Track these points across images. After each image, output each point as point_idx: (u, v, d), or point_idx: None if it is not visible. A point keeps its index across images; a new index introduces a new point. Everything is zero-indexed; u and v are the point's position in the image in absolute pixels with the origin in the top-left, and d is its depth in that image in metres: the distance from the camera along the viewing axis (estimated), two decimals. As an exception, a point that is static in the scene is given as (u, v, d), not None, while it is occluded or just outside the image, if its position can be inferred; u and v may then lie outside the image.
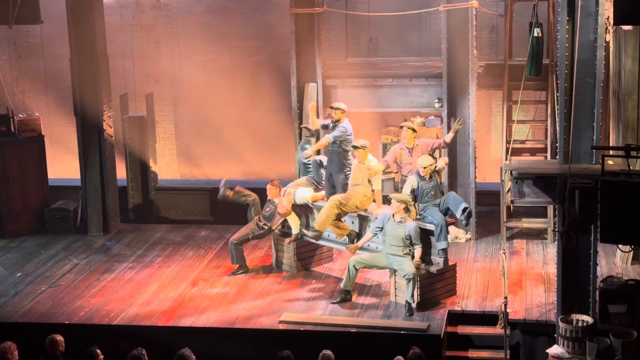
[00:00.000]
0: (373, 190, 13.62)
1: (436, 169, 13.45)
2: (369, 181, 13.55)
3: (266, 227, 14.50)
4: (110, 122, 16.70)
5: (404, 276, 12.78)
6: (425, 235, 13.07)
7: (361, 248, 13.63)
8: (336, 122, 14.01)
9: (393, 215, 13.05)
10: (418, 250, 12.91)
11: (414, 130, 14.09)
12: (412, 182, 13.28)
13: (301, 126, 15.65)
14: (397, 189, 14.17)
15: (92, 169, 16.60)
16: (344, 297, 13.26)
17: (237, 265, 14.58)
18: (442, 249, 13.01)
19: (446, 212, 13.22)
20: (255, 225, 14.57)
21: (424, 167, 13.20)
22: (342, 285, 13.28)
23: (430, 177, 13.24)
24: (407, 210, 13.05)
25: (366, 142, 13.58)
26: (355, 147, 13.54)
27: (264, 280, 14.27)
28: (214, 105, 19.15)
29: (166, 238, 16.52)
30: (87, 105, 16.39)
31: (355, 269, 13.14)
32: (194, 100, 19.37)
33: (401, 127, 14.20)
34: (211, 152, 19.54)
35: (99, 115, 16.45)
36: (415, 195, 13.31)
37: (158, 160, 18.03)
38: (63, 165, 19.22)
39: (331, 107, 14.23)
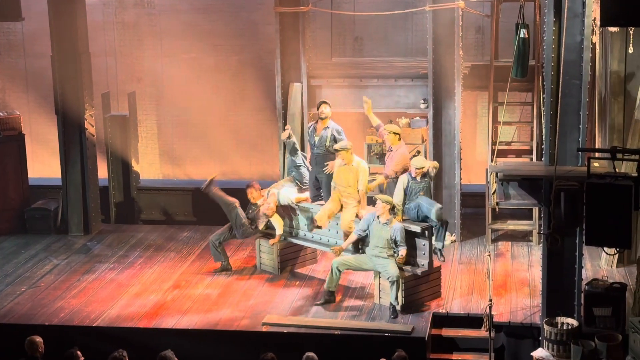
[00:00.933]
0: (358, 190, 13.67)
1: (428, 173, 13.43)
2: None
3: (252, 228, 14.54)
4: (92, 120, 16.65)
5: (388, 279, 12.81)
6: (410, 237, 13.11)
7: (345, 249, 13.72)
8: (323, 118, 14.06)
9: (378, 216, 13.08)
10: (403, 251, 12.95)
11: (395, 133, 14.00)
12: (403, 181, 13.28)
13: (284, 140, 15.38)
14: (382, 190, 14.19)
15: (73, 169, 16.56)
16: (328, 299, 13.28)
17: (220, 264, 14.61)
18: (440, 249, 13.08)
19: (424, 219, 13.23)
20: (241, 225, 14.61)
21: (417, 168, 13.21)
22: (325, 286, 13.30)
23: (423, 176, 13.24)
24: (392, 211, 13.09)
25: (348, 143, 13.62)
26: (337, 151, 13.57)
27: (247, 282, 14.27)
28: (197, 104, 19.11)
29: (148, 239, 16.49)
30: (69, 104, 16.35)
31: (339, 270, 13.16)
32: (176, 100, 19.33)
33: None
34: (194, 152, 19.51)
35: (80, 114, 16.41)
36: (405, 194, 13.33)
37: (140, 159, 17.99)
38: (44, 164, 19.15)
39: (323, 102, 14.26)
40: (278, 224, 14.39)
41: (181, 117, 19.45)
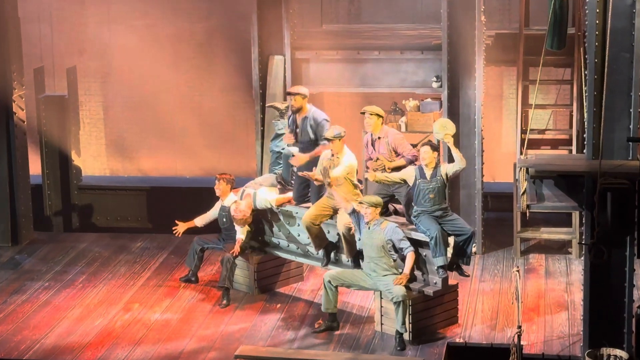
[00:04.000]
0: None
1: (447, 174, 13.36)
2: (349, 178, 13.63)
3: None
4: (21, 102, 16.64)
5: (392, 299, 12.83)
6: (416, 248, 13.14)
7: (336, 262, 13.82)
8: (297, 111, 14.05)
9: (366, 223, 13.10)
10: (410, 257, 12.95)
11: (379, 116, 13.89)
12: (409, 173, 13.23)
13: (267, 105, 15.62)
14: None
15: (-2, 163, 16.59)
16: (330, 325, 13.33)
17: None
18: (441, 266, 13.07)
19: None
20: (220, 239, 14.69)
21: (427, 152, 13.15)
22: (322, 309, 13.33)
23: (434, 174, 13.19)
24: (385, 213, 13.12)
25: (340, 129, 13.57)
26: (328, 140, 13.56)
27: (215, 304, 14.29)
28: (153, 82, 19.11)
29: (92, 250, 16.49)
30: (-7, 82, 16.39)
31: (332, 285, 13.17)
32: (127, 77, 19.32)
33: (362, 112, 14.05)
34: (149, 141, 19.50)
35: (7, 95, 16.40)
36: (409, 191, 13.31)
37: (82, 151, 17.97)
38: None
39: (288, 93, 14.22)
40: (242, 229, 14.36)
41: (133, 99, 19.44)
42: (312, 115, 14.11)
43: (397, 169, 13.57)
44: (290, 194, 14.47)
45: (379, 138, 13.71)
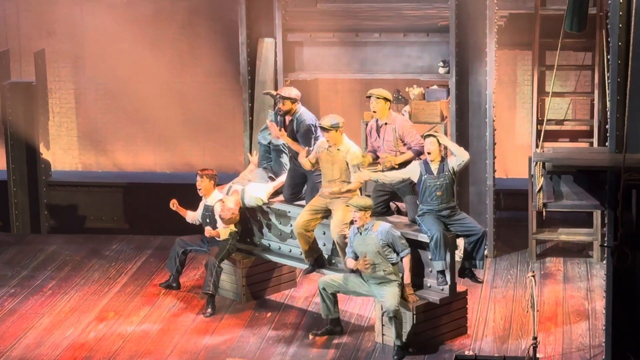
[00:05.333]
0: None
1: (453, 168, 13.35)
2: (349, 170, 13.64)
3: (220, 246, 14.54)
4: (-16, 90, 16.68)
5: (384, 313, 12.86)
6: (416, 251, 13.15)
7: (330, 266, 13.87)
8: (284, 114, 14.03)
9: (357, 228, 13.09)
10: (405, 262, 12.96)
11: (386, 100, 13.87)
12: (413, 170, 13.22)
13: (264, 92, 15.58)
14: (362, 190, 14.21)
15: (-41, 156, 16.60)
16: (332, 329, 13.41)
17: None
18: (439, 271, 13.07)
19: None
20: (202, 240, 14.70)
21: (431, 147, 13.15)
22: (322, 316, 13.39)
23: (441, 169, 13.19)
24: (370, 214, 13.16)
25: (338, 119, 13.57)
26: (324, 129, 13.54)
27: (199, 313, 14.29)
28: (130, 67, 19.08)
29: (62, 253, 16.51)
30: (-48, 67, 16.39)
31: (328, 292, 13.17)
32: (102, 61, 19.29)
33: (368, 96, 14.01)
34: (125, 133, 19.48)
35: (-32, 81, 16.45)
36: (413, 187, 13.33)
37: (51, 144, 17.96)
38: None
39: (280, 97, 14.15)
40: (223, 230, 14.35)
41: (108, 86, 19.41)
42: (298, 117, 14.09)
43: (405, 164, 13.56)
44: (281, 179, 14.42)
45: (385, 124, 13.70)
